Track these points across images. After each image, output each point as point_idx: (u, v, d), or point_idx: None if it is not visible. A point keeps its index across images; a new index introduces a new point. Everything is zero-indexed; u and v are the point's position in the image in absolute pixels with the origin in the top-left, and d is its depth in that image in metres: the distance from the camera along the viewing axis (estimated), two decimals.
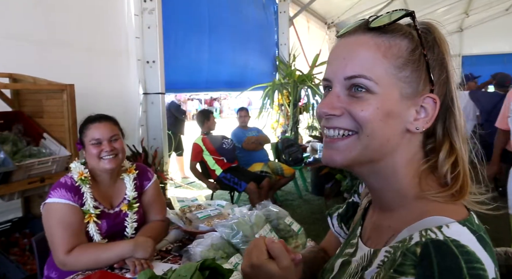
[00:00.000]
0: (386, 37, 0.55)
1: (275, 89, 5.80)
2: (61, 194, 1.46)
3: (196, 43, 4.36)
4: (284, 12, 6.28)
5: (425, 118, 0.55)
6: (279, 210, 1.56)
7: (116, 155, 1.55)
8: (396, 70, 0.54)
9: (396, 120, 0.55)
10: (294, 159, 4.97)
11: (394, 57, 0.54)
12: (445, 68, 0.56)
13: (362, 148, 0.55)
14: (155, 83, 3.55)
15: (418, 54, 0.54)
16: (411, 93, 0.55)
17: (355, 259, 0.62)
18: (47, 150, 2.20)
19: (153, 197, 1.71)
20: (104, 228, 1.52)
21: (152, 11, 3.46)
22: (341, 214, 0.87)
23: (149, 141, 3.63)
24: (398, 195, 0.58)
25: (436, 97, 0.55)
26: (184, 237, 1.69)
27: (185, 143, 6.09)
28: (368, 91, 0.54)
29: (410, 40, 0.55)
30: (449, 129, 0.57)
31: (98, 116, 1.60)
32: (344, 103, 0.55)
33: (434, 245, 0.46)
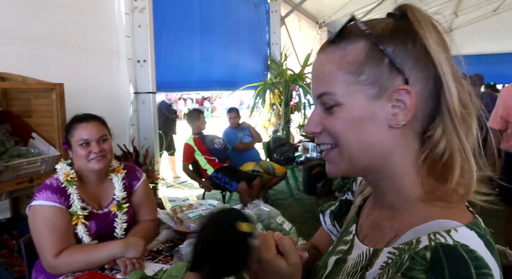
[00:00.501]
0: (340, 48, 0.55)
1: (266, 88, 5.81)
2: (47, 196, 1.42)
3: (187, 42, 4.35)
4: (276, 11, 6.29)
5: (404, 110, 0.53)
6: (270, 209, 1.57)
7: (105, 156, 1.52)
8: (354, 77, 0.54)
9: (371, 122, 0.54)
10: (286, 158, 4.99)
11: (349, 65, 0.54)
12: (426, 52, 0.52)
13: (347, 159, 0.56)
14: (146, 83, 3.52)
15: (377, 51, 0.53)
16: (378, 92, 0.53)
17: (352, 257, 0.62)
18: (36, 150, 2.17)
19: (143, 197, 1.68)
20: (93, 229, 1.50)
21: (143, 10, 3.44)
22: (333, 211, 0.86)
23: (140, 141, 3.60)
24: (401, 195, 0.57)
25: (407, 87, 0.52)
26: (175, 237, 1.68)
27: (177, 142, 6.07)
28: (336, 105, 0.55)
29: (365, 41, 0.54)
30: (442, 114, 0.53)
31: (86, 115, 1.56)
32: (323, 119, 0.57)
33: (444, 250, 0.45)
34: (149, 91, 3.54)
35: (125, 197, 1.61)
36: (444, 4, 9.77)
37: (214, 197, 4.60)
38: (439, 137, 0.53)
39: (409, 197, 0.56)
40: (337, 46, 0.56)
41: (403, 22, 0.54)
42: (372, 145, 0.55)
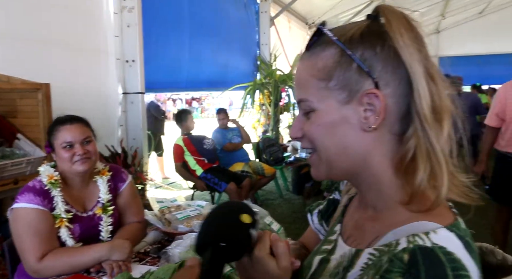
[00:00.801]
0: (313, 56, 0.57)
1: (256, 88, 5.82)
2: (29, 199, 1.39)
3: (176, 43, 4.33)
4: (265, 12, 6.30)
5: (375, 114, 0.53)
6: (258, 209, 1.57)
7: (89, 158, 1.49)
8: (325, 83, 0.55)
9: (344, 126, 0.55)
10: (275, 158, 5.00)
11: (320, 72, 0.56)
12: (397, 55, 0.52)
13: (326, 163, 0.58)
14: (134, 83, 3.50)
15: (345, 57, 0.54)
16: (348, 97, 0.54)
17: (335, 257, 0.62)
18: (21, 151, 2.14)
19: (129, 199, 1.66)
20: (77, 232, 1.46)
21: (132, 10, 3.41)
22: (321, 211, 0.87)
23: (129, 141, 3.57)
24: (382, 197, 0.57)
25: (377, 91, 0.52)
26: (163, 238, 1.67)
27: (166, 143, 6.04)
28: (311, 110, 0.57)
29: (335, 47, 0.55)
30: (412, 115, 0.53)
31: (69, 117, 1.52)
32: (303, 124, 0.59)
33: (422, 252, 0.46)
34: (138, 92, 3.52)
35: (110, 199, 1.58)
36: (431, 6, 9.91)
37: (203, 197, 4.59)
38: (408, 138, 0.53)
39: (390, 198, 0.56)
40: (311, 53, 0.58)
41: (376, 24, 0.55)
42: (347, 148, 0.56)
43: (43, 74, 2.39)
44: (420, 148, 0.52)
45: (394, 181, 0.56)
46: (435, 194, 0.51)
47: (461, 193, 0.53)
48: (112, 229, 1.56)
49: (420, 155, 0.52)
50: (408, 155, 0.52)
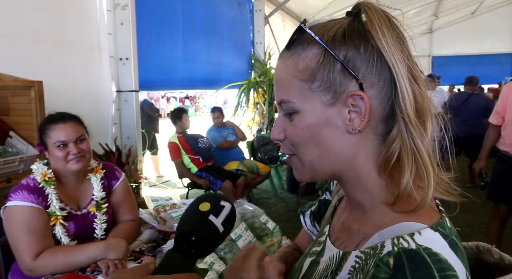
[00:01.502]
0: (294, 56, 0.54)
1: (250, 87, 5.81)
2: (23, 197, 1.37)
3: (170, 41, 4.31)
4: (260, 10, 6.30)
5: (359, 116, 0.52)
6: (254, 208, 1.57)
7: (84, 156, 1.48)
8: (308, 84, 0.53)
9: (328, 129, 0.53)
10: (270, 157, 5.00)
11: (301, 73, 0.53)
12: (379, 55, 0.51)
13: (309, 165, 0.56)
14: (128, 81, 3.48)
15: (329, 57, 0.52)
16: (332, 98, 0.53)
17: (324, 260, 0.61)
18: (14, 149, 2.12)
19: (123, 197, 1.65)
20: (72, 230, 1.46)
21: (125, 7, 3.39)
22: (313, 212, 0.86)
23: (123, 140, 3.55)
24: (367, 198, 0.56)
25: (361, 92, 0.51)
26: (158, 237, 1.67)
27: (160, 141, 6.01)
28: (294, 112, 0.55)
29: (316, 47, 0.53)
30: (396, 116, 0.52)
31: (61, 115, 1.50)
32: (285, 126, 0.57)
33: (407, 255, 0.45)
34: (132, 90, 3.50)
35: (104, 197, 1.57)
36: (424, 6, 9.97)
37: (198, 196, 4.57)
38: (392, 139, 0.52)
39: (375, 199, 0.55)
40: (292, 52, 0.55)
41: (357, 22, 0.53)
42: (330, 151, 0.54)
43: (36, 71, 2.36)
44: (405, 149, 0.51)
45: (378, 181, 0.55)
46: (420, 195, 0.50)
47: (443, 190, 0.54)
48: (106, 227, 1.56)
49: (405, 156, 0.51)
50: (393, 156, 0.52)
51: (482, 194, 3.79)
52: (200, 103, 21.24)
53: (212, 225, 0.56)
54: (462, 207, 0.54)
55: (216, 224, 0.56)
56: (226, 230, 0.57)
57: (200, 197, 0.61)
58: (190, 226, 0.56)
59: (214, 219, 0.56)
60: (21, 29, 2.56)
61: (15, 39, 2.51)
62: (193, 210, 0.57)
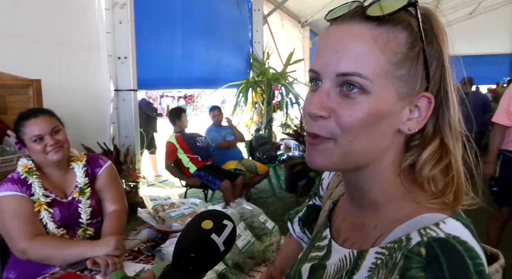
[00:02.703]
0: (384, 29, 0.48)
1: (249, 87, 5.81)
2: (8, 187, 1.44)
3: (169, 40, 4.30)
4: (258, 10, 6.30)
5: (419, 118, 0.51)
6: (253, 208, 1.56)
7: (62, 146, 1.52)
8: (393, 68, 0.48)
9: (388, 121, 0.50)
10: (268, 157, 5.00)
11: (392, 53, 0.48)
12: (441, 62, 0.51)
13: (344, 154, 0.51)
14: (127, 80, 3.47)
15: (417, 50, 0.49)
16: (406, 93, 0.50)
17: (332, 262, 0.58)
18: (11, 148, 2.11)
19: (106, 183, 1.67)
20: (57, 216, 1.50)
21: (124, 6, 3.38)
22: (302, 218, 0.83)
23: (121, 139, 3.55)
24: (384, 194, 0.54)
25: (431, 96, 0.50)
26: (157, 236, 1.66)
27: (158, 140, 6.00)
28: (362, 91, 0.48)
29: (409, 33, 0.49)
30: (442, 126, 0.52)
31: (32, 111, 1.55)
32: (334, 103, 0.50)
33: (438, 244, 0.44)
34: (130, 89, 3.49)
35: (87, 183, 1.61)
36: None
37: (196, 195, 4.57)
38: (435, 149, 0.52)
39: (392, 195, 0.54)
40: (382, 26, 0.49)
41: (427, 25, 0.51)
42: (379, 145, 0.52)
43: (34, 70, 2.36)
44: (451, 158, 0.52)
45: (396, 178, 0.54)
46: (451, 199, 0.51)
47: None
48: (92, 212, 1.58)
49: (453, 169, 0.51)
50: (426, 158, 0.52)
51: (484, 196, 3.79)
52: (198, 102, 21.22)
53: (214, 244, 0.55)
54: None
55: (218, 243, 0.56)
56: (226, 249, 0.57)
57: (203, 214, 0.60)
58: (191, 243, 0.55)
59: (216, 238, 0.55)
60: (19, 27, 2.55)
61: (13, 38, 2.49)
62: (195, 227, 0.57)
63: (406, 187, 0.53)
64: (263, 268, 1.40)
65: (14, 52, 2.50)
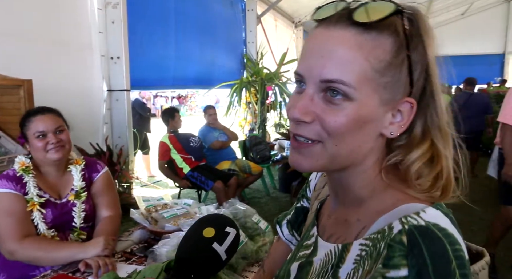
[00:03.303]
0: (370, 36, 0.48)
1: (242, 87, 5.81)
2: (2, 184, 1.43)
3: (162, 40, 4.28)
4: (252, 10, 6.30)
5: (401, 122, 0.52)
6: (246, 208, 1.57)
7: (63, 146, 1.52)
8: (377, 75, 0.49)
9: (371, 126, 0.51)
10: (262, 157, 5.00)
11: (376, 61, 0.49)
12: (426, 64, 0.51)
13: (330, 157, 0.53)
14: (119, 80, 3.46)
15: (402, 57, 0.50)
16: (389, 99, 0.51)
17: (318, 258, 0.59)
18: (3, 149, 2.09)
19: (102, 189, 1.67)
20: (49, 217, 1.49)
21: (116, 6, 3.37)
22: (290, 220, 0.84)
23: (114, 139, 3.53)
24: (366, 189, 0.56)
25: (414, 101, 0.51)
26: (150, 237, 1.66)
27: (152, 141, 5.98)
28: (345, 98, 0.49)
29: (395, 40, 0.49)
30: (431, 128, 0.52)
31: (40, 108, 1.56)
32: (317, 108, 0.50)
33: (419, 231, 0.45)
34: (123, 89, 3.48)
35: (84, 187, 1.61)
36: None
37: (189, 196, 4.56)
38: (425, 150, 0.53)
39: (374, 189, 0.55)
40: (368, 32, 0.49)
41: (414, 26, 0.51)
42: (361, 148, 0.53)
43: (25, 70, 2.34)
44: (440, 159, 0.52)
45: (379, 176, 0.55)
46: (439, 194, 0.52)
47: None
48: (85, 216, 1.58)
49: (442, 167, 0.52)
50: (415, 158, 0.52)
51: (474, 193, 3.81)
52: (192, 102, 21.17)
53: (215, 253, 0.54)
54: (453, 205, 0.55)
55: (220, 253, 0.55)
56: (228, 257, 0.56)
57: (205, 219, 0.58)
58: (192, 252, 0.54)
59: (218, 248, 0.55)
60: (11, 27, 2.53)
61: (4, 37, 2.47)
62: (196, 234, 0.56)
63: (387, 182, 0.54)
64: (256, 268, 1.40)
65: (6, 51, 2.47)
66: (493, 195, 4.45)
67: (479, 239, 3.30)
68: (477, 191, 4.79)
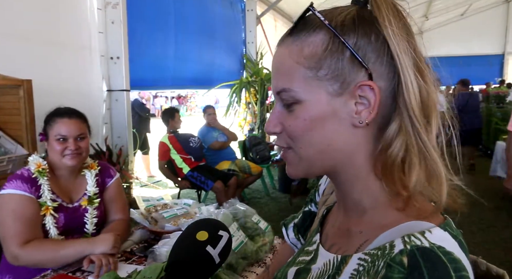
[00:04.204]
0: (299, 40, 0.51)
1: (242, 87, 5.81)
2: (17, 185, 1.41)
3: (161, 40, 4.28)
4: (252, 10, 6.29)
5: (368, 108, 0.49)
6: (246, 208, 1.57)
7: (80, 154, 1.52)
8: (313, 72, 0.49)
9: (333, 121, 0.50)
10: (262, 157, 5.00)
11: (307, 59, 0.50)
12: (385, 45, 0.48)
13: (306, 161, 0.53)
14: (119, 80, 3.45)
15: (337, 44, 0.48)
16: (339, 88, 0.49)
17: (316, 266, 0.57)
18: (2, 149, 2.09)
19: (114, 195, 1.68)
20: (61, 222, 1.48)
21: (116, 6, 3.36)
22: (297, 224, 0.83)
23: (114, 140, 3.52)
24: (367, 197, 0.53)
25: (372, 83, 0.48)
26: (150, 237, 1.66)
27: (152, 141, 5.98)
28: (295, 102, 0.51)
29: (326, 31, 0.49)
30: (399, 110, 0.49)
31: (69, 110, 1.56)
32: (282, 118, 0.53)
33: (421, 253, 0.42)
34: (123, 89, 3.47)
35: (97, 192, 1.60)
36: (415, 7, 10.07)
37: (189, 196, 4.56)
38: (393, 136, 0.49)
39: (376, 199, 0.52)
40: (296, 37, 0.51)
41: (365, 10, 0.50)
42: (333, 146, 0.51)
43: (25, 70, 2.33)
44: (412, 146, 0.47)
45: (378, 180, 0.52)
46: (433, 195, 0.48)
47: (449, 197, 0.49)
48: (96, 222, 1.58)
49: (413, 154, 0.47)
50: (397, 154, 0.48)
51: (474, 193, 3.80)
52: (191, 102, 21.17)
53: (209, 256, 0.55)
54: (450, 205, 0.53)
55: (213, 256, 0.55)
56: (221, 260, 0.56)
57: (198, 223, 0.59)
58: (185, 255, 0.54)
59: (212, 251, 0.55)
60: (11, 27, 2.53)
61: (4, 38, 2.47)
62: (189, 238, 0.56)
63: (389, 190, 0.50)
64: (256, 268, 1.40)
65: (5, 52, 2.47)
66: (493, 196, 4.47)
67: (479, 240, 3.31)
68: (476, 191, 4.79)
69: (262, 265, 1.42)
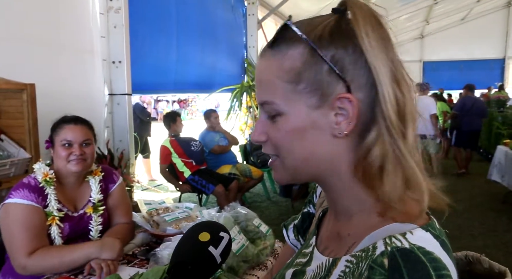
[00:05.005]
0: (278, 54, 0.52)
1: (243, 91, 5.82)
2: (24, 195, 1.40)
3: (163, 44, 4.31)
4: (253, 14, 6.32)
5: (347, 119, 0.50)
6: (247, 211, 1.57)
7: (85, 160, 1.52)
8: (292, 85, 0.51)
9: (314, 132, 0.52)
10: (263, 161, 5.01)
11: (286, 74, 0.51)
12: (362, 57, 0.49)
13: (291, 169, 0.55)
14: (121, 84, 3.47)
15: (316, 57, 0.49)
16: (318, 101, 0.50)
17: (311, 269, 0.58)
18: (5, 152, 2.10)
19: (118, 200, 1.68)
20: (66, 231, 1.48)
21: (118, 10, 3.38)
22: (297, 225, 0.85)
23: (115, 143, 3.53)
24: (354, 203, 0.55)
25: (350, 96, 0.49)
26: (151, 240, 1.67)
27: (153, 145, 5.99)
28: (277, 113, 0.53)
29: (304, 45, 0.50)
30: (376, 120, 0.50)
31: (75, 117, 1.57)
32: (267, 128, 0.55)
33: (401, 254, 0.43)
34: (124, 93, 3.49)
35: (101, 199, 1.61)
36: (416, 12, 10.11)
37: (190, 200, 4.56)
38: (371, 145, 0.50)
39: (362, 204, 0.54)
40: (276, 51, 0.52)
41: (344, 20, 0.50)
42: (316, 155, 0.53)
43: (28, 74, 2.35)
44: (387, 154, 0.49)
45: (362, 186, 0.53)
46: (413, 201, 0.49)
47: (431, 198, 0.51)
48: (102, 229, 1.58)
49: (389, 161, 0.49)
50: (375, 162, 0.49)
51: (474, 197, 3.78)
52: (193, 106, 21.21)
53: (211, 256, 0.56)
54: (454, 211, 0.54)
55: (215, 255, 0.57)
56: (222, 260, 0.58)
57: (199, 225, 0.60)
58: (188, 255, 0.56)
59: (214, 251, 0.57)
60: (13, 31, 2.55)
61: (7, 41, 2.49)
62: (192, 239, 0.57)
63: (373, 194, 0.52)
64: (257, 271, 1.41)
65: (8, 55, 2.49)
66: (493, 200, 4.46)
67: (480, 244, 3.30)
68: (476, 195, 4.79)
69: (263, 268, 1.43)
